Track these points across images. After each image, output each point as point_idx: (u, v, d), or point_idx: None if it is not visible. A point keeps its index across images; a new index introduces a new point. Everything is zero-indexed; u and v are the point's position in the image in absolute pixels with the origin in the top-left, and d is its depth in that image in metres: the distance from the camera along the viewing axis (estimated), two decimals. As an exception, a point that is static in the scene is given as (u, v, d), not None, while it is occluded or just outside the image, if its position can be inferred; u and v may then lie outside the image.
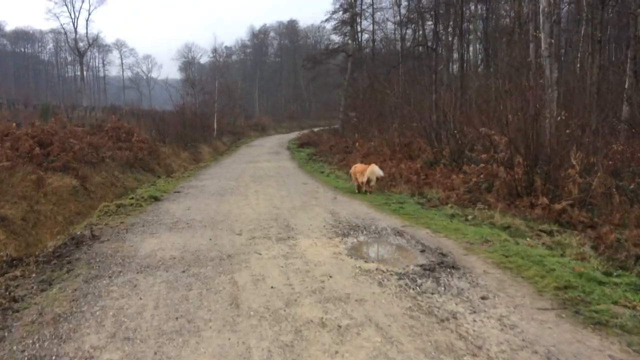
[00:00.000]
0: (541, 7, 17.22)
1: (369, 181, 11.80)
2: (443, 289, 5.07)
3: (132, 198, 11.58)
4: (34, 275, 5.78)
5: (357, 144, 23.71)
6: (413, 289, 5.06)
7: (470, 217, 8.71)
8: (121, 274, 5.70)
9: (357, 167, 12.59)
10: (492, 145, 12.07)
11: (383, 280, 5.33)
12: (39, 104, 45.38)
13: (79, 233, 7.93)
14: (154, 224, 8.47)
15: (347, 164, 18.02)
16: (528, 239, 7.32)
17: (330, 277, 5.47)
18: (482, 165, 11.67)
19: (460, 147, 12.84)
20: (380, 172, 11.80)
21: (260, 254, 6.44)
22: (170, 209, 10.04)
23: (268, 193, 12.00)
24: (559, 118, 12.02)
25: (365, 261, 6.16)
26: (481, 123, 14.65)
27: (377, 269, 5.75)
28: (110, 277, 5.59)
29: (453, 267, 5.76)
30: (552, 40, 18.56)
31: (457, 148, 12.96)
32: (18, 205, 11.27)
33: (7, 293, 5.13)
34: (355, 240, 7.25)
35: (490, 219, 8.54)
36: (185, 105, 36.53)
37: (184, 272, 5.73)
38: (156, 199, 11.28)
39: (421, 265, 5.88)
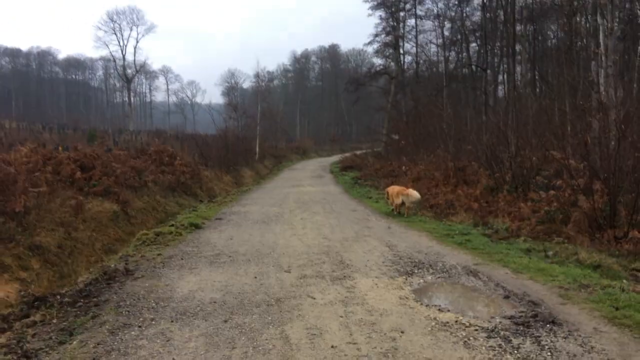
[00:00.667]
0: (605, 22, 15.97)
1: (403, 204, 12.01)
2: (549, 354, 3.96)
3: (172, 225, 10.83)
4: (54, 321, 4.97)
5: (404, 167, 22.63)
6: (510, 354, 3.96)
7: (550, 252, 7.51)
8: (153, 322, 4.81)
9: (394, 188, 12.74)
10: (564, 170, 10.85)
11: (469, 339, 4.25)
12: (87, 129, 46.27)
13: (112, 267, 7.16)
14: (194, 257, 7.62)
15: (396, 189, 16.98)
16: (624, 280, 6.11)
17: (402, 332, 4.43)
18: (551, 192, 10.44)
19: (525, 172, 11.61)
20: (417, 196, 11.90)
21: (314, 298, 5.46)
22: (211, 238, 9.21)
23: (316, 221, 11.05)
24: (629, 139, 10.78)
25: (440, 310, 5.09)
26: (543, 145, 13.42)
27: (456, 322, 4.68)
28: (140, 326, 4.71)
29: (553, 322, 4.63)
30: (617, 58, 17.21)
31: (520, 173, 11.74)
32: (55, 232, 10.67)
33: (19, 346, 4.31)
34: (421, 280, 6.19)
35: (573, 255, 7.33)
36: (228, 128, 36.31)
37: (225, 322, 4.79)
38: (197, 226, 10.49)
39: (510, 318, 4.77)
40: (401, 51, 41.09)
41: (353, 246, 8.23)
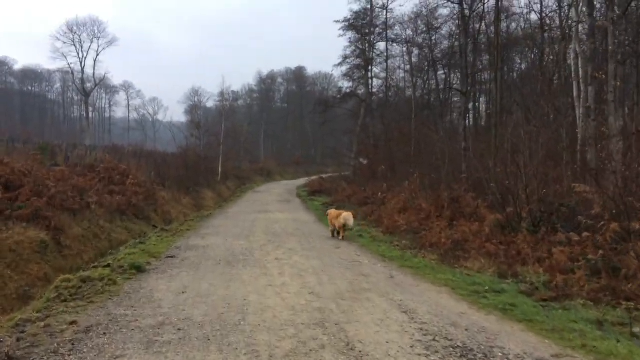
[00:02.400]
0: (609, 47, 14.32)
1: (344, 227, 11.97)
2: None
3: (108, 266, 8.09)
4: None
5: (380, 194, 20.38)
6: None
7: (637, 330, 5.23)
8: None
9: (333, 212, 12.82)
10: (593, 206, 8.77)
11: None
12: (39, 142, 42.37)
13: (-10, 348, 4.44)
14: (123, 330, 4.94)
15: (379, 220, 14.64)
16: None
17: None
18: (585, 233, 8.29)
19: (547, 207, 9.44)
20: (352, 220, 12.06)
21: None
22: (157, 291, 6.53)
23: (295, 264, 8.50)
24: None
25: None
26: (557, 176, 11.41)
27: None
28: None
29: None
30: (618, 83, 15.58)
31: (539, 208, 9.57)
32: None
33: None
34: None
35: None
36: (189, 146, 33.43)
37: None
38: (139, 269, 7.77)
39: None
40: (370, 75, 39.36)
41: (355, 310, 5.73)
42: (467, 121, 22.91)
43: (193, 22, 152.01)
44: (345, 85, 42.39)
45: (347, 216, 11.90)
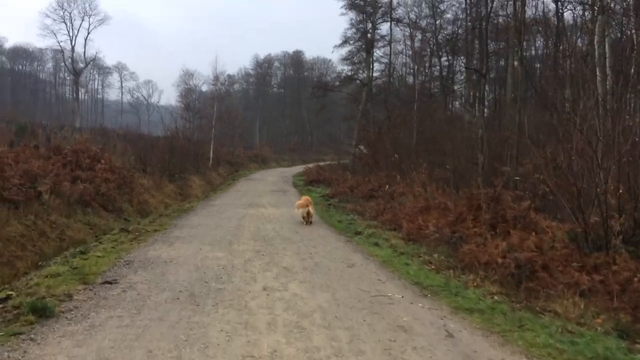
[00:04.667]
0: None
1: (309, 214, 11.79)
2: None
3: (7, 299, 5.07)
4: None
5: (387, 187, 17.39)
6: None
7: None
8: None
9: (301, 202, 12.52)
10: None
11: None
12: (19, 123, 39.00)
13: None
14: None
15: (394, 221, 11.64)
16: None
17: None
18: None
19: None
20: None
21: None
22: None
23: (293, 300, 5.44)
24: None
25: None
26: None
27: None
28: None
29: None
30: None
31: (635, 218, 6.60)
32: None
33: None
34: None
35: None
36: (178, 129, 30.18)
37: None
38: (44, 312, 4.71)
39: None
40: (372, 58, 36.10)
41: None
42: (483, 106, 19.90)
43: (185, 3, 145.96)
44: (345, 69, 39.24)
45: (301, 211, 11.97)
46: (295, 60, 71.95)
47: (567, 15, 24.23)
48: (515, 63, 21.50)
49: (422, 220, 10.31)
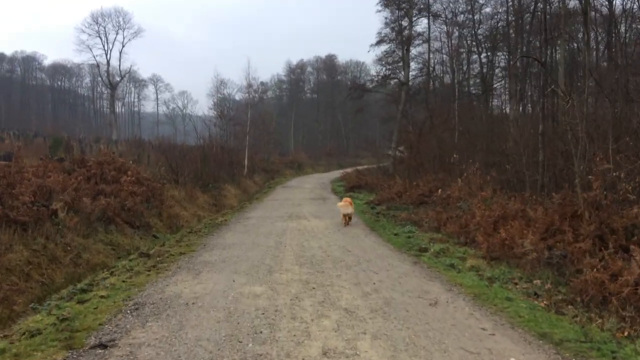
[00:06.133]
0: None
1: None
2: None
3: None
4: None
5: (439, 191, 15.33)
6: None
7: None
8: None
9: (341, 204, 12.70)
10: None
11: None
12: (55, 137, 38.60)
13: None
14: None
15: (463, 233, 9.56)
16: None
17: None
18: None
19: None
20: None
21: None
22: None
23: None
24: None
25: None
26: None
27: None
28: None
29: None
30: None
31: None
32: None
33: None
34: None
35: None
36: (212, 138, 28.72)
37: None
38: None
39: None
40: (409, 56, 33.92)
41: None
42: (543, 99, 17.56)
43: (211, 16, 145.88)
44: (381, 69, 37.19)
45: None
46: (328, 64, 70.14)
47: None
48: (566, 53, 19.00)
49: (504, 232, 8.20)
